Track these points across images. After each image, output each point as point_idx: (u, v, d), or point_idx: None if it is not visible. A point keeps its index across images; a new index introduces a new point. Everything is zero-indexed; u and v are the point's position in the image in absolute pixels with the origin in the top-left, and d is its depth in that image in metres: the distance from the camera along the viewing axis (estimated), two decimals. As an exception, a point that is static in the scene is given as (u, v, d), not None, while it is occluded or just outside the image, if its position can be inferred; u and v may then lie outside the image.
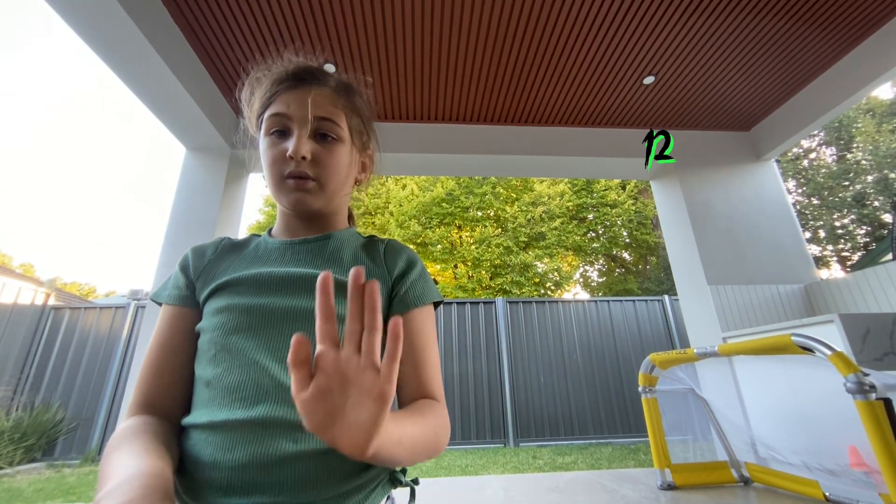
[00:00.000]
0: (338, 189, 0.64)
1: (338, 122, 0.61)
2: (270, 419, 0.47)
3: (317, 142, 0.60)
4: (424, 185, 9.82)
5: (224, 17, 2.15)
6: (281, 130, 0.60)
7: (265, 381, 0.49)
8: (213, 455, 0.46)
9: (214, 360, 0.52)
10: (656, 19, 2.22)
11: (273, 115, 0.59)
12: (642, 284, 10.96)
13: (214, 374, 0.51)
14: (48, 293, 5.27)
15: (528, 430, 4.99)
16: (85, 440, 4.52)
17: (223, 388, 0.50)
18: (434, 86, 2.67)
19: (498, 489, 1.74)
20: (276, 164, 0.59)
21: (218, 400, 0.49)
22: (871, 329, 1.65)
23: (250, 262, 0.61)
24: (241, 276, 0.58)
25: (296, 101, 0.59)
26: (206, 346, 0.54)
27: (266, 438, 0.46)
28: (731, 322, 2.54)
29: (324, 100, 0.61)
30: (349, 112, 0.64)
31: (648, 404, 1.78)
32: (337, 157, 0.61)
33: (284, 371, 0.49)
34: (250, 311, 0.54)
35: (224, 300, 0.56)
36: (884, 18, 2.27)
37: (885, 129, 10.09)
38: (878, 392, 1.05)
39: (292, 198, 0.59)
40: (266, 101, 0.61)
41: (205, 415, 0.50)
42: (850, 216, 10.03)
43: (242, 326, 0.53)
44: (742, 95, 2.83)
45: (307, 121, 0.59)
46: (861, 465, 1.37)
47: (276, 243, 0.63)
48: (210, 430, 0.48)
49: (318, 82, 0.62)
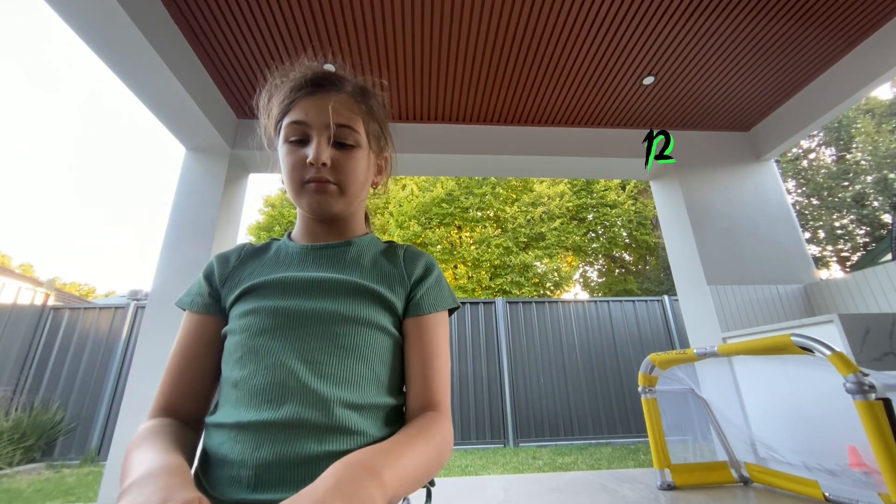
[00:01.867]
0: (357, 193, 0.65)
1: (356, 128, 0.62)
2: (296, 420, 0.48)
3: (335, 148, 0.61)
4: (424, 186, 9.82)
5: (224, 17, 2.15)
6: (300, 138, 0.61)
7: (291, 382, 0.51)
8: (242, 453, 0.48)
9: (241, 361, 0.54)
10: (656, 19, 2.22)
11: (292, 123, 0.60)
12: (642, 285, 10.96)
13: (241, 376, 0.53)
14: (47, 293, 5.27)
15: (528, 430, 4.99)
16: (84, 441, 4.52)
17: (250, 389, 0.51)
18: (433, 86, 2.67)
19: (498, 489, 1.74)
20: (296, 170, 0.60)
21: (245, 401, 0.51)
22: (870, 329, 1.65)
23: (273, 266, 0.62)
24: (266, 280, 0.59)
25: (314, 108, 0.60)
26: (233, 349, 0.55)
27: (292, 439, 0.48)
28: (731, 322, 2.54)
29: (342, 107, 0.61)
30: (367, 117, 0.65)
31: (648, 404, 1.78)
32: (356, 162, 0.62)
33: (310, 373, 0.51)
34: (276, 314, 0.55)
35: (250, 303, 0.57)
36: (883, 19, 2.27)
37: (884, 130, 10.10)
38: (877, 392, 1.05)
39: (314, 201, 0.60)
40: (284, 109, 0.62)
41: (232, 415, 0.51)
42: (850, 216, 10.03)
43: (268, 328, 0.54)
44: (742, 96, 2.83)
45: (326, 128, 0.59)
46: (860, 465, 1.37)
47: (297, 247, 0.65)
48: (238, 429, 0.50)
49: (335, 88, 0.63)
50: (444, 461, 0.52)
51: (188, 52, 2.28)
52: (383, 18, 2.17)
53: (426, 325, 0.61)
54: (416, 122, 2.98)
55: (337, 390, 0.51)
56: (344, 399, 0.51)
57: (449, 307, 0.64)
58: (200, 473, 0.52)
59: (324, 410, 0.49)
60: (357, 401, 0.52)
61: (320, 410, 0.49)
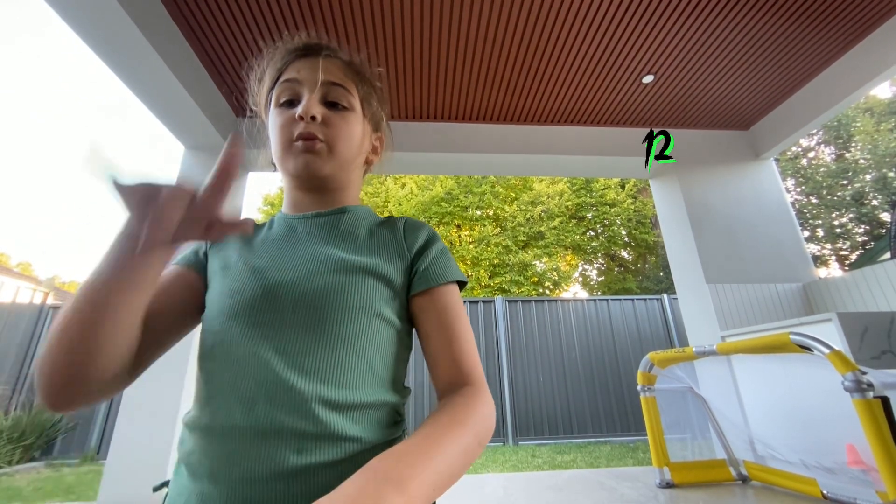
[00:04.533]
0: (349, 158, 0.59)
1: (349, 90, 0.59)
2: (271, 426, 0.42)
3: (328, 108, 0.57)
4: (423, 185, 9.82)
5: (224, 16, 2.14)
6: (290, 99, 0.57)
7: (267, 377, 0.43)
8: (212, 467, 0.42)
9: (212, 352, 0.47)
10: (655, 18, 2.22)
11: (283, 83, 0.57)
12: (641, 283, 10.97)
13: (211, 369, 0.47)
14: (46, 292, 5.27)
15: (528, 428, 5.00)
16: (83, 439, 4.51)
17: (219, 385, 0.45)
18: (433, 84, 2.66)
19: (497, 487, 1.74)
20: (284, 128, 0.55)
21: (216, 400, 0.45)
22: (868, 328, 1.66)
23: (259, 243, 0.57)
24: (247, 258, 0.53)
25: (306, 66, 0.57)
26: (205, 337, 0.50)
27: (268, 449, 0.41)
28: (730, 321, 2.54)
29: (335, 67, 0.59)
30: (361, 85, 0.61)
31: (647, 403, 1.78)
32: (348, 122, 0.58)
33: (288, 367, 0.44)
34: (253, 297, 0.49)
35: (227, 283, 0.51)
36: (882, 17, 2.28)
37: (883, 129, 10.11)
38: (875, 390, 1.05)
39: (300, 160, 0.55)
40: (276, 73, 0.59)
41: (202, 416, 0.45)
42: (849, 215, 10.05)
43: (243, 313, 0.48)
44: (741, 94, 2.83)
45: (317, 84, 0.56)
46: (858, 463, 1.37)
47: (287, 218, 0.59)
48: (207, 435, 0.44)
49: (329, 52, 0.60)
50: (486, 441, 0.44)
51: (187, 51, 2.27)
52: (382, 17, 2.17)
53: (438, 295, 0.53)
54: (416, 121, 2.98)
55: (320, 387, 0.43)
56: (328, 398, 0.43)
57: (458, 279, 0.56)
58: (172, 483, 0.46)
59: (301, 412, 0.42)
60: (346, 399, 0.44)
61: (297, 412, 0.42)
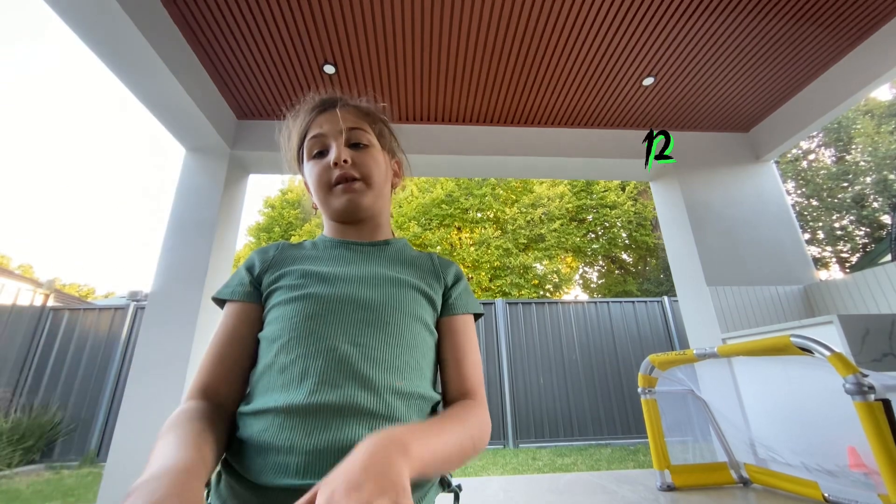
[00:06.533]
0: (381, 187, 0.70)
1: (365, 129, 0.70)
2: (350, 405, 0.49)
3: (352, 149, 0.67)
4: (424, 187, 9.83)
5: (224, 18, 2.15)
6: (321, 151, 0.68)
7: (343, 366, 0.51)
8: (290, 439, 0.47)
9: (288, 346, 0.54)
10: (656, 20, 2.23)
11: (312, 138, 0.68)
12: (642, 285, 10.95)
13: (289, 360, 0.53)
14: (47, 294, 5.26)
15: (528, 431, 4.99)
16: (84, 442, 4.51)
17: (300, 372, 0.51)
18: (433, 87, 2.67)
19: (497, 490, 1.74)
20: (322, 176, 0.66)
21: (295, 384, 0.51)
22: (870, 330, 1.65)
23: (314, 258, 0.65)
24: (310, 269, 0.61)
25: (327, 120, 0.68)
26: (278, 334, 0.55)
27: (344, 425, 0.48)
28: (731, 323, 2.54)
29: (349, 114, 0.69)
30: (373, 122, 0.72)
31: (648, 405, 1.78)
32: (373, 156, 0.69)
33: (361, 358, 0.52)
34: (323, 300, 0.57)
35: (295, 291, 0.58)
36: (883, 19, 2.28)
37: (884, 131, 10.10)
38: (877, 393, 1.05)
39: (343, 199, 0.65)
40: (303, 132, 0.70)
41: (279, 399, 0.50)
42: (850, 217, 10.03)
43: (317, 314, 0.55)
44: (741, 96, 2.84)
45: (340, 133, 0.67)
46: (860, 466, 1.37)
47: (336, 241, 0.69)
48: (286, 414, 0.49)
49: (342, 103, 0.71)
50: (481, 447, 0.53)
51: (188, 53, 2.28)
52: (383, 19, 2.18)
53: (458, 323, 0.65)
54: (416, 123, 2.98)
55: (387, 376, 0.52)
56: (394, 386, 0.52)
57: (476, 311, 0.69)
58: (235, 462, 0.51)
59: (376, 396, 0.50)
60: (405, 389, 0.53)
61: (373, 396, 0.50)
